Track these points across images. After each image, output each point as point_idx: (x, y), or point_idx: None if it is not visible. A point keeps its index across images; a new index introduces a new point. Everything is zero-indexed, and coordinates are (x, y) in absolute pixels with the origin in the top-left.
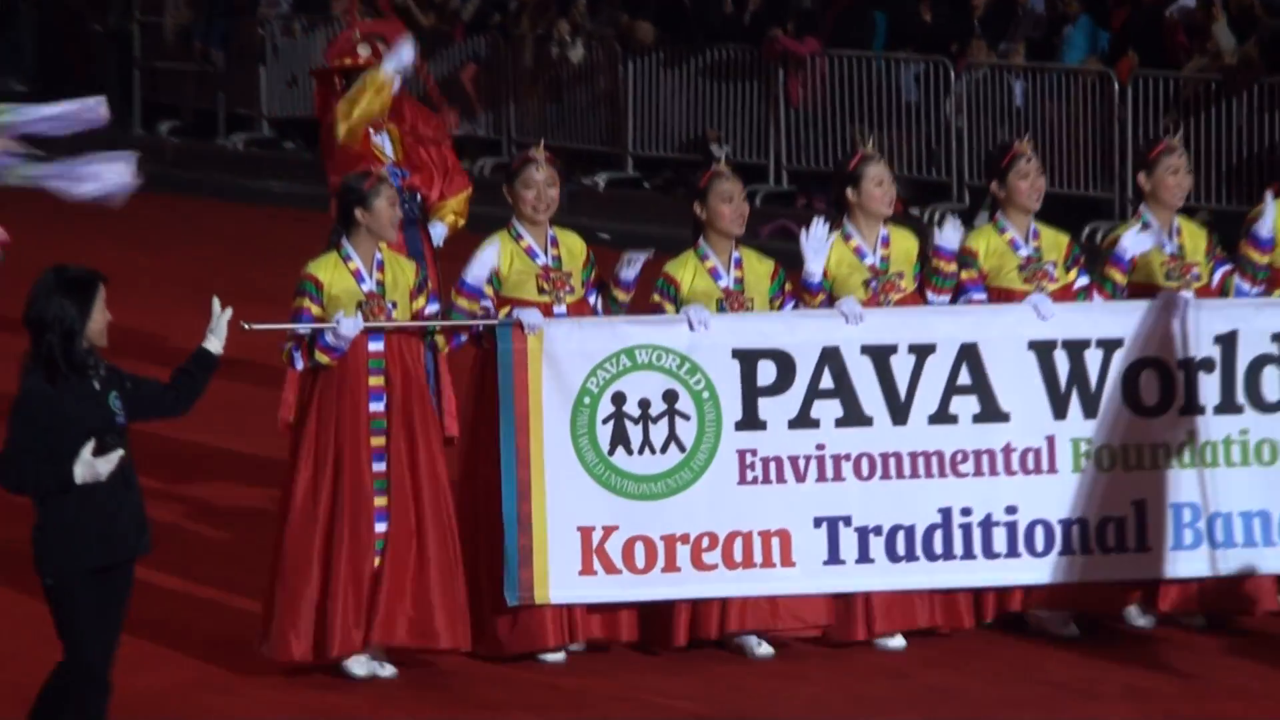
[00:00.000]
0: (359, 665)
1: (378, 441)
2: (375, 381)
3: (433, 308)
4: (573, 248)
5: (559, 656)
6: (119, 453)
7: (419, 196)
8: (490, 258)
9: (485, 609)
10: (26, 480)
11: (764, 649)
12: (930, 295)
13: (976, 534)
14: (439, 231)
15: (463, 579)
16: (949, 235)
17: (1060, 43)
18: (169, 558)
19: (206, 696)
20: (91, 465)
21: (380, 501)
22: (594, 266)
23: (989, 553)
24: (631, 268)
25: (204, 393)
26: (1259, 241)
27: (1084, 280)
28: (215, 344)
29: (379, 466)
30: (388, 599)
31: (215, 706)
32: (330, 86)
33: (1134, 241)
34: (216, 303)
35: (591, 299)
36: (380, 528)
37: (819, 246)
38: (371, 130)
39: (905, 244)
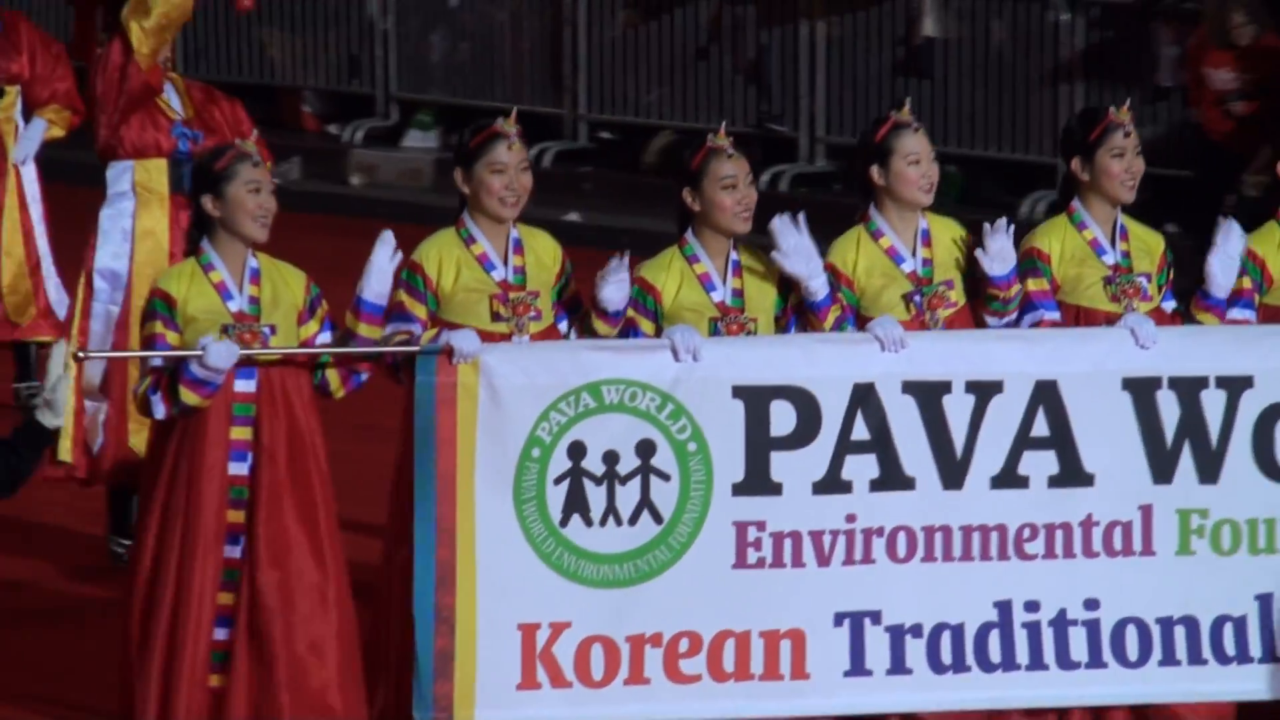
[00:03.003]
0: None
1: (235, 517)
2: (239, 434)
3: (326, 337)
4: (543, 255)
5: None
6: None
7: None
8: (384, 263)
9: None
10: None
11: None
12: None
13: (1047, 636)
14: None
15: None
16: (996, 256)
17: None
18: None
19: None
20: None
21: (225, 599)
22: (570, 280)
23: (1064, 662)
24: (615, 284)
25: (34, 475)
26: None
27: (1171, 304)
28: (51, 418)
29: (231, 552)
30: None
31: None
32: (91, 17)
33: (1225, 266)
34: (57, 358)
35: (562, 326)
36: (221, 634)
37: (808, 252)
38: None
39: (951, 236)
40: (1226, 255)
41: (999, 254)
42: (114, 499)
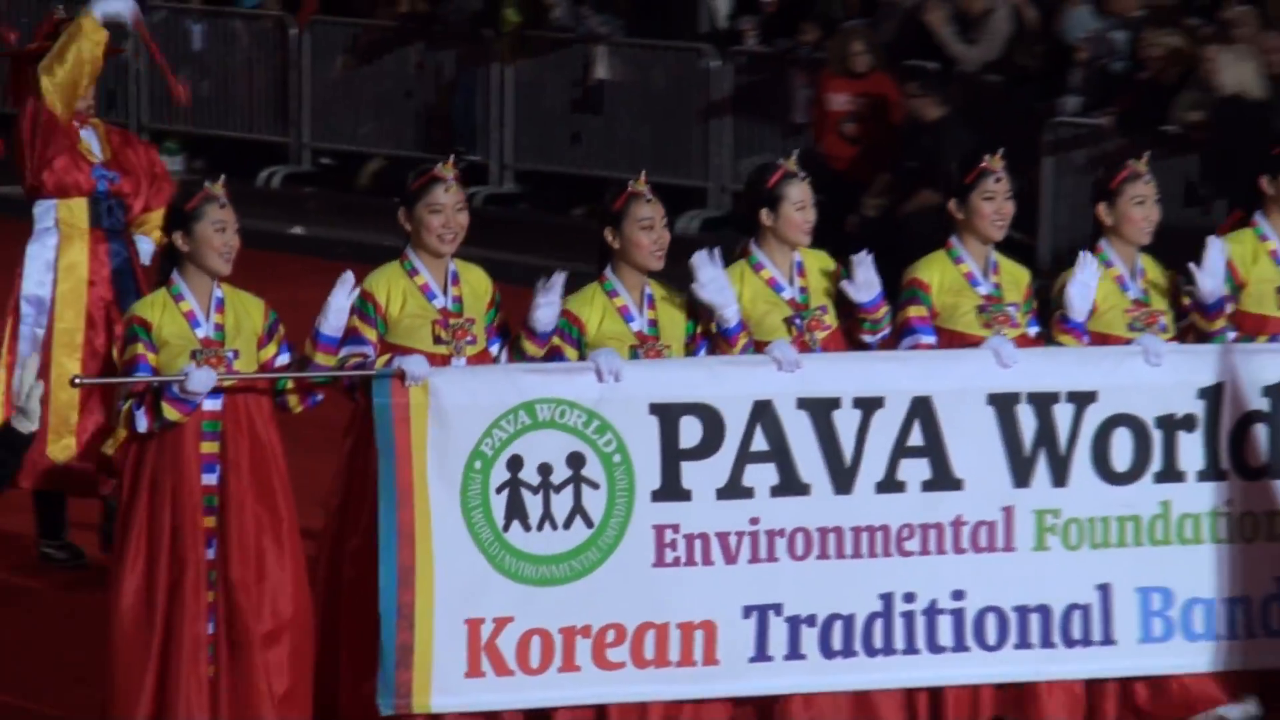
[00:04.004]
0: None
1: (208, 522)
2: (208, 448)
3: (284, 358)
4: (476, 286)
5: None
6: None
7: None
8: (342, 302)
9: None
10: None
11: None
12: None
13: (920, 624)
14: (146, 248)
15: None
16: (862, 285)
17: None
18: None
19: None
20: None
21: (209, 597)
22: (499, 309)
23: (933, 646)
24: (547, 306)
25: (14, 483)
26: (1205, 310)
27: (1035, 329)
28: (26, 424)
29: (207, 554)
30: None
31: None
32: (27, 72)
33: (1082, 294)
34: (28, 372)
35: (494, 349)
36: (209, 628)
37: (722, 284)
38: (75, 121)
39: (821, 267)
40: (1082, 283)
41: (865, 284)
42: (41, 504)
